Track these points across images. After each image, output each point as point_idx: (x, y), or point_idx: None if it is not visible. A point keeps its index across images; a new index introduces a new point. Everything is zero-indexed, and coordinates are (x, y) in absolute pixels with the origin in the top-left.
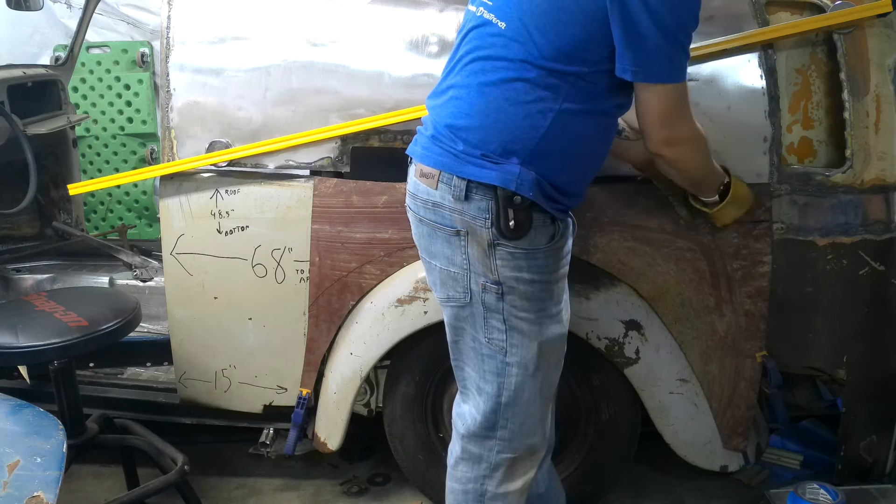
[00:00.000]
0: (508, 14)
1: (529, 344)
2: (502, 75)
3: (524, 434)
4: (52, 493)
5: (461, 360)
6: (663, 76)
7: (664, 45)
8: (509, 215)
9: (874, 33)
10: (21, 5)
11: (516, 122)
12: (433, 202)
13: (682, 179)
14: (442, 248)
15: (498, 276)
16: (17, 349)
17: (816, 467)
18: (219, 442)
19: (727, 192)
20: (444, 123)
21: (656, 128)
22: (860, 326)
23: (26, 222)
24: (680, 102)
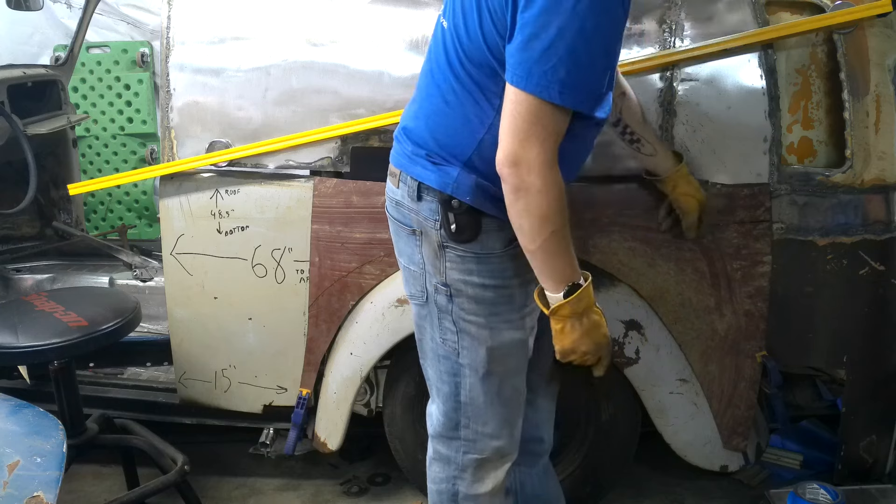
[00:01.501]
0: (452, 12)
1: (478, 348)
2: (443, 77)
3: (488, 436)
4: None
5: (425, 359)
6: (531, 85)
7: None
8: (450, 219)
9: (874, 33)
10: (21, 5)
11: (455, 126)
12: (396, 200)
13: (521, 230)
14: (404, 246)
15: (445, 279)
16: (17, 349)
17: (816, 467)
18: (219, 442)
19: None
20: (402, 125)
21: (507, 139)
22: (860, 326)
23: (26, 222)
24: (543, 123)
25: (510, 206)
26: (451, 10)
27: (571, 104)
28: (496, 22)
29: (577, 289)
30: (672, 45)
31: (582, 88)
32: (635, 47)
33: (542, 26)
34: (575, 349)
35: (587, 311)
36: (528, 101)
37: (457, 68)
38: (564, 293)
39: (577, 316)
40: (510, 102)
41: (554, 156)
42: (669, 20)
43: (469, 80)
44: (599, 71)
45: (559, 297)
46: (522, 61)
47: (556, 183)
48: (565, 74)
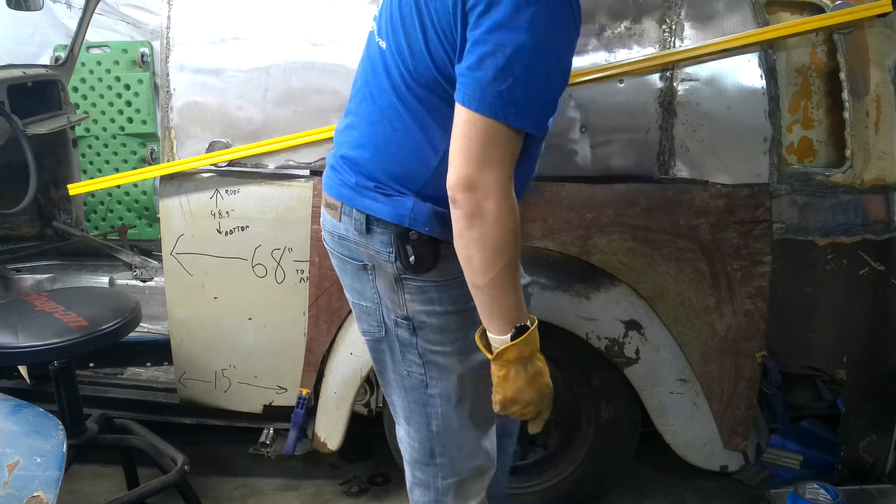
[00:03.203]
0: (388, 29)
1: (449, 377)
2: (388, 102)
3: (465, 458)
4: (52, 493)
5: (388, 389)
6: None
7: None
8: (408, 251)
9: (874, 33)
10: (21, 5)
11: (406, 155)
12: (339, 234)
13: (470, 262)
14: (353, 282)
15: (407, 312)
16: (17, 349)
17: (816, 467)
18: (219, 442)
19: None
20: (340, 154)
21: (461, 162)
22: (860, 326)
23: (26, 222)
24: (500, 146)
25: (460, 236)
26: (389, 29)
27: (527, 126)
28: (443, 40)
29: (524, 331)
30: (672, 45)
31: (538, 109)
32: (635, 47)
33: (496, 45)
34: (517, 399)
35: (532, 356)
36: (483, 122)
37: (403, 92)
38: (512, 335)
39: (522, 361)
40: (463, 123)
41: (511, 180)
42: (669, 20)
43: (418, 103)
44: (555, 90)
45: (506, 340)
46: (475, 81)
47: (513, 210)
48: (522, 95)
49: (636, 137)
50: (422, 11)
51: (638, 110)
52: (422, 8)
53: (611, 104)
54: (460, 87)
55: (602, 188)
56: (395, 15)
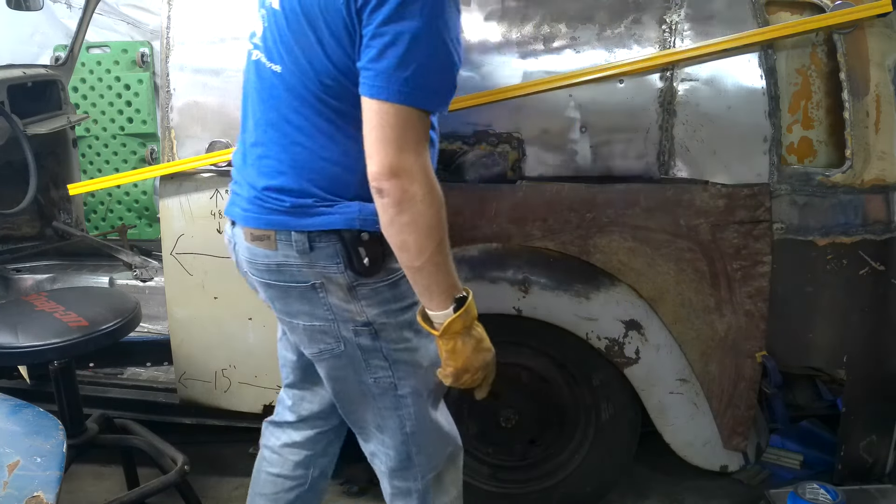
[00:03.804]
0: (280, 52)
1: (416, 371)
2: (301, 123)
3: (440, 449)
4: (52, 493)
5: (351, 406)
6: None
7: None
8: (361, 254)
9: (874, 33)
10: (21, 5)
11: (335, 167)
12: (277, 263)
13: (405, 247)
14: (300, 306)
15: (366, 317)
16: (17, 349)
17: (816, 467)
18: (219, 442)
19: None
20: (262, 186)
21: (380, 152)
22: (860, 326)
23: (26, 222)
24: (414, 130)
25: (391, 223)
26: (281, 52)
27: (434, 106)
28: (344, 45)
29: (463, 301)
30: (672, 45)
31: (442, 90)
32: (635, 47)
33: (394, 34)
34: (468, 367)
35: (473, 324)
36: (394, 110)
37: (317, 108)
38: (454, 308)
39: (466, 330)
40: (374, 115)
41: (429, 161)
42: (669, 20)
43: (336, 115)
44: (454, 68)
45: (449, 313)
46: (381, 72)
47: (437, 189)
48: (426, 78)
49: (636, 137)
50: (314, 25)
51: (638, 110)
52: (313, 21)
53: (611, 104)
54: (365, 82)
55: (602, 188)
56: (286, 37)
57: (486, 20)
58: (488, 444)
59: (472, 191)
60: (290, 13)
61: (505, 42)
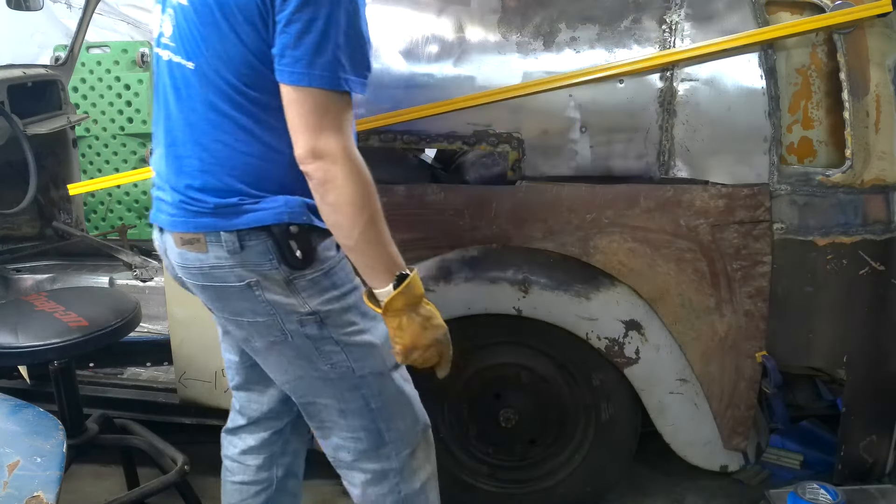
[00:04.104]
0: (192, 49)
1: (372, 351)
2: (218, 120)
3: (410, 424)
4: (52, 493)
5: (310, 397)
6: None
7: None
8: (293, 247)
9: (874, 33)
10: (21, 5)
11: (255, 162)
12: (210, 266)
13: (338, 226)
14: (240, 305)
15: (309, 307)
16: (17, 349)
17: (816, 467)
18: (219, 442)
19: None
20: (184, 186)
21: (302, 136)
22: (860, 326)
23: (26, 222)
24: (334, 112)
25: (322, 203)
26: (192, 48)
27: (353, 87)
28: (258, 31)
29: (405, 278)
30: (672, 45)
31: (360, 71)
32: (635, 47)
33: (308, 19)
34: (416, 344)
35: (419, 302)
36: (315, 95)
37: (236, 101)
38: (394, 284)
39: (411, 308)
40: (294, 101)
41: (352, 141)
42: (669, 20)
43: (256, 107)
44: (368, 49)
45: (389, 290)
46: (299, 58)
47: (362, 168)
48: (346, 59)
49: (636, 137)
50: (227, 14)
51: (638, 110)
52: (226, 10)
53: (611, 104)
54: (283, 69)
55: (602, 188)
56: (198, 31)
57: (486, 20)
58: (488, 444)
59: (472, 191)
60: (200, 6)
61: (505, 42)
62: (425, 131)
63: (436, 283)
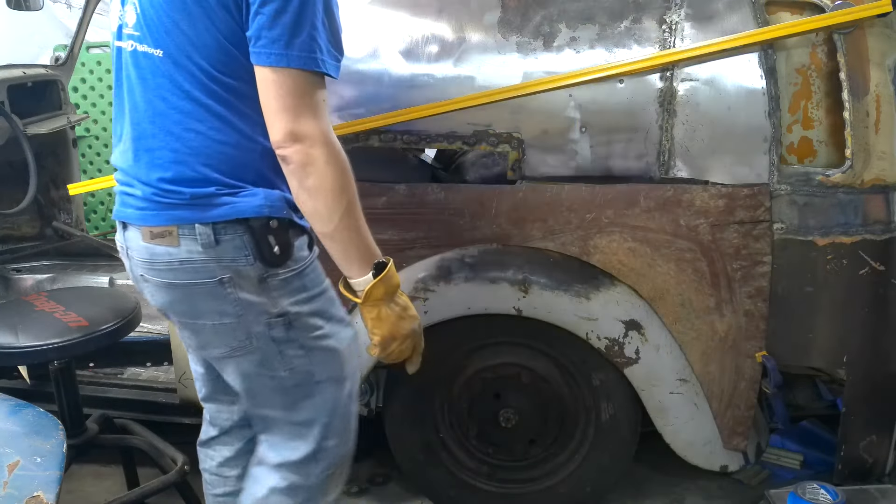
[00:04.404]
0: (158, 37)
1: (332, 357)
2: (190, 108)
3: (343, 444)
4: (52, 493)
5: (262, 402)
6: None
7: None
8: (271, 242)
9: (874, 33)
10: (21, 5)
11: (230, 151)
12: (180, 260)
13: (316, 212)
14: (207, 304)
15: (280, 308)
16: (17, 349)
17: (816, 467)
18: None
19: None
20: (156, 179)
21: (279, 119)
22: (860, 326)
23: (26, 222)
24: (310, 94)
25: (300, 189)
26: (159, 36)
27: (329, 69)
28: (231, 14)
29: (384, 267)
30: (672, 45)
31: (335, 53)
32: (635, 47)
33: (283, 0)
34: (395, 334)
35: (396, 291)
36: (292, 76)
37: (209, 88)
38: (373, 273)
39: (389, 297)
40: (271, 83)
41: (329, 125)
42: (669, 20)
43: (229, 94)
44: (341, 30)
45: (369, 279)
46: (276, 38)
47: (340, 152)
48: (321, 41)
49: (636, 137)
50: (199, 0)
51: (638, 110)
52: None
53: (611, 104)
54: (259, 50)
55: (602, 188)
56: (167, 17)
57: (486, 20)
58: (488, 444)
59: (472, 191)
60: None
61: (505, 42)
62: (425, 131)
63: (436, 282)
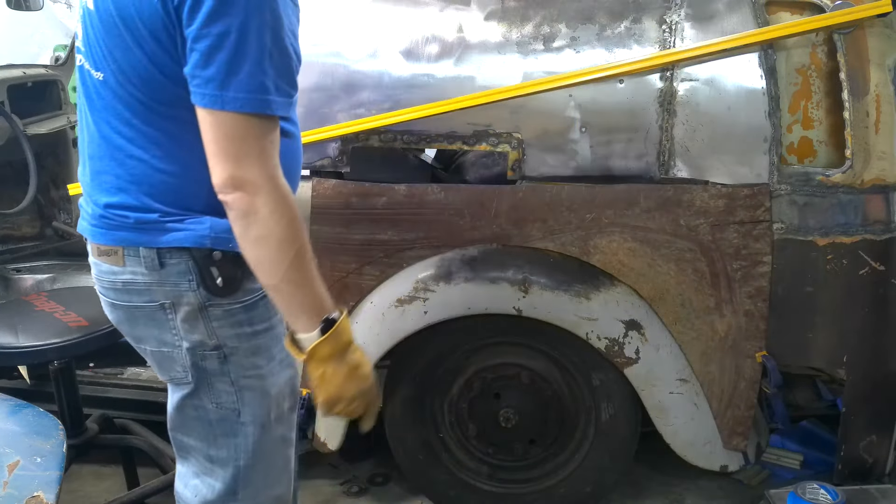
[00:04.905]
0: (101, 58)
1: (262, 399)
2: (133, 134)
3: (269, 486)
4: (52, 493)
5: (181, 430)
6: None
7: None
8: (214, 274)
9: (874, 33)
10: (21, 5)
11: (173, 180)
12: (123, 281)
13: (259, 264)
14: (148, 330)
15: (217, 340)
16: (17, 349)
17: (816, 467)
18: None
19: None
20: (103, 203)
21: (220, 164)
22: (860, 326)
23: (26, 222)
24: (255, 137)
25: (242, 238)
26: (101, 58)
27: (276, 109)
28: (166, 48)
29: (333, 323)
30: (672, 45)
31: (284, 90)
32: (635, 47)
33: (219, 33)
34: (341, 396)
35: (347, 348)
36: (230, 119)
37: (148, 117)
38: (321, 329)
39: (339, 355)
40: (209, 126)
41: (277, 169)
42: (669, 20)
43: (170, 123)
44: (294, 66)
45: (315, 336)
46: (210, 79)
47: (287, 199)
48: (266, 79)
49: (636, 137)
50: (131, 27)
51: (638, 110)
52: (129, 23)
53: (611, 104)
54: (195, 90)
55: (602, 188)
56: (101, 42)
57: (486, 20)
58: (488, 444)
59: (472, 191)
60: (104, 14)
61: (505, 42)
62: (425, 131)
63: (436, 282)
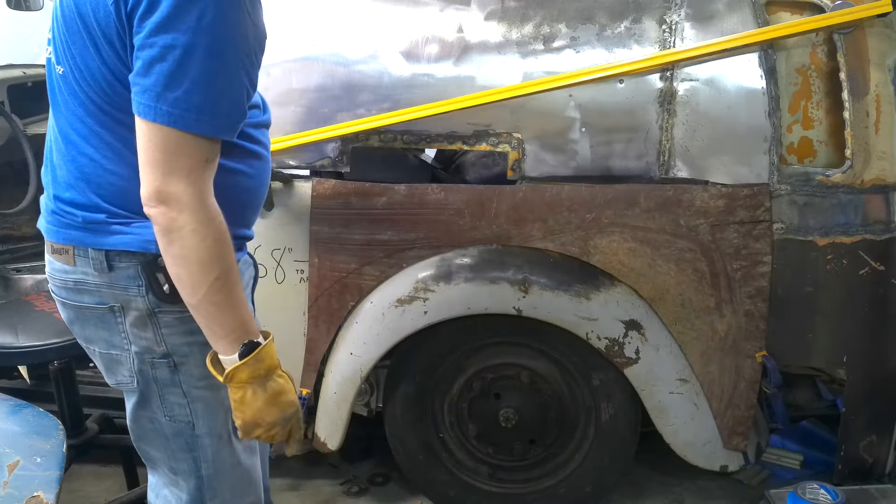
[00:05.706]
0: (63, 53)
1: (217, 411)
2: (87, 132)
3: (238, 497)
4: (52, 493)
5: (142, 441)
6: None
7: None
8: (160, 280)
9: (874, 33)
10: (21, 5)
11: (121, 182)
12: (74, 280)
13: (179, 280)
14: (97, 332)
15: (166, 348)
16: (17, 349)
17: (816, 467)
18: None
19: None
20: (53, 196)
21: (147, 176)
22: (860, 326)
23: (26, 222)
24: (185, 154)
25: (164, 253)
26: (63, 52)
27: (213, 131)
28: (117, 51)
29: (255, 347)
30: (672, 45)
31: (222, 113)
32: (635, 47)
33: (163, 48)
34: (258, 422)
35: (270, 374)
36: (162, 132)
37: (100, 118)
38: (240, 353)
39: (258, 381)
40: (142, 135)
41: (207, 189)
42: (669, 20)
43: (120, 126)
44: (239, 92)
45: (234, 359)
46: (148, 88)
47: (213, 220)
48: (200, 100)
49: (636, 137)
50: (87, 26)
51: (638, 110)
52: (87, 22)
53: (611, 104)
54: (134, 97)
55: (602, 188)
56: (64, 36)
57: (486, 20)
58: (488, 444)
59: (472, 191)
60: (66, 10)
61: (505, 42)
62: (425, 131)
63: (436, 282)
